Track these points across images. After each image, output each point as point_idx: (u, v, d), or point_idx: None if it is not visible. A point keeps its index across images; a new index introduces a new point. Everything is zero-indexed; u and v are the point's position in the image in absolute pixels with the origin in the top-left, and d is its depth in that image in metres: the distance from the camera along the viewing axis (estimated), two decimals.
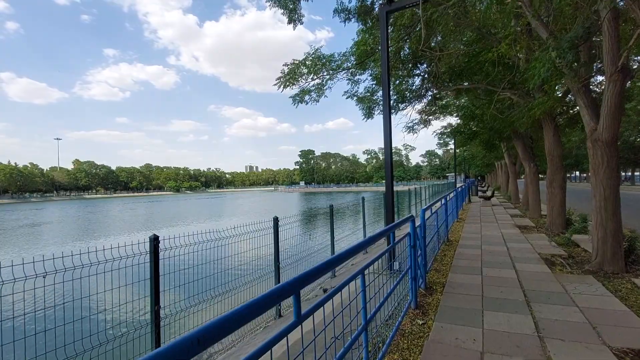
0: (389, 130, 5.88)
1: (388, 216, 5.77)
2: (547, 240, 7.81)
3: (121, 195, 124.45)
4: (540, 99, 7.03)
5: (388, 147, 5.81)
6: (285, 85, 10.24)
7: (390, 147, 5.83)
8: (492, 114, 11.07)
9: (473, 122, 13.53)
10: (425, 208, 4.94)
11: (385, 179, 5.82)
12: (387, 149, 5.82)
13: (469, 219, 12.29)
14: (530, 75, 5.89)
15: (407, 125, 13.41)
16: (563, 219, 8.88)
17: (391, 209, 5.69)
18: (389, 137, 5.80)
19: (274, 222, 5.89)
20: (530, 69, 5.62)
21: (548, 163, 9.02)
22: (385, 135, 5.86)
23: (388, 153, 5.79)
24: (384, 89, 5.90)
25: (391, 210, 5.70)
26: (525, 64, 7.83)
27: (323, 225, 8.75)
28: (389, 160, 5.78)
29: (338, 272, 7.96)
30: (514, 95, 9.37)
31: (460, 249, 7.24)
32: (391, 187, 5.73)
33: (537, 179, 12.18)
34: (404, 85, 12.75)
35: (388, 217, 5.77)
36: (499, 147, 18.03)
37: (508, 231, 9.25)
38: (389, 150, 5.80)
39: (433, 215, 6.23)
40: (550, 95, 7.60)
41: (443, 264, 6.15)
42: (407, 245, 3.99)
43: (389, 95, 6.10)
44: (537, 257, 6.29)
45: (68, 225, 29.20)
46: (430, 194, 25.37)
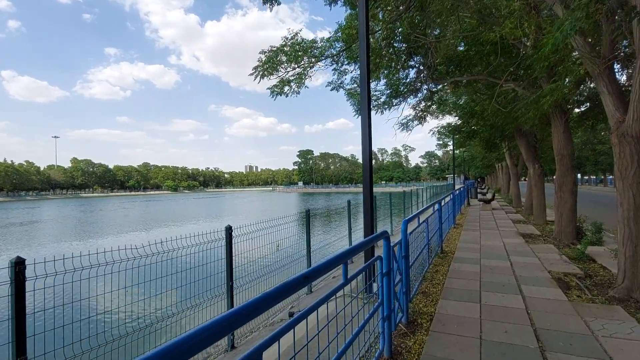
0: (368, 124, 4.80)
1: (366, 227, 4.69)
2: (556, 253, 6.72)
3: (118, 194, 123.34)
4: (551, 86, 5.94)
5: (367, 144, 4.73)
6: (262, 76, 9.16)
7: (369, 143, 4.75)
8: (493, 109, 9.99)
9: (473, 120, 12.45)
10: (409, 218, 3.86)
11: (364, 183, 4.74)
12: (366, 146, 4.73)
13: (468, 224, 11.20)
14: (541, 53, 4.82)
15: (400, 122, 12.33)
16: (573, 228, 7.79)
17: (369, 218, 4.61)
18: (367, 131, 4.72)
19: (227, 233, 4.81)
20: (546, 40, 4.53)
21: (557, 164, 7.94)
22: (363, 129, 4.78)
23: (367, 151, 4.71)
24: (362, 72, 4.82)
25: (369, 220, 4.62)
26: (532, 50, 6.77)
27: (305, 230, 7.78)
28: (368, 159, 4.69)
29: (318, 287, 6.91)
30: (519, 87, 8.29)
31: (455, 263, 6.15)
32: (370, 192, 4.65)
33: (542, 182, 11.10)
34: (398, 76, 11.69)
35: (366, 228, 4.69)
36: (500, 147, 16.95)
37: (511, 241, 8.17)
38: (368, 147, 4.71)
39: (424, 224, 5.16)
40: (562, 82, 6.52)
41: (434, 284, 5.06)
42: (378, 271, 2.91)
43: (368, 82, 5.03)
44: (548, 276, 5.20)
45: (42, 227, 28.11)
46: (428, 196, 24.31)
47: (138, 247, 3.84)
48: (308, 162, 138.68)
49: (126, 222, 29.15)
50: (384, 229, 3.15)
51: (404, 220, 3.69)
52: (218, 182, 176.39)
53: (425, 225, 5.37)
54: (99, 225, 27.61)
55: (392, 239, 3.01)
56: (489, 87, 10.45)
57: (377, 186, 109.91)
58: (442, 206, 7.59)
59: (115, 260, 3.65)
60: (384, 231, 2.94)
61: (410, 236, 3.95)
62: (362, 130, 4.78)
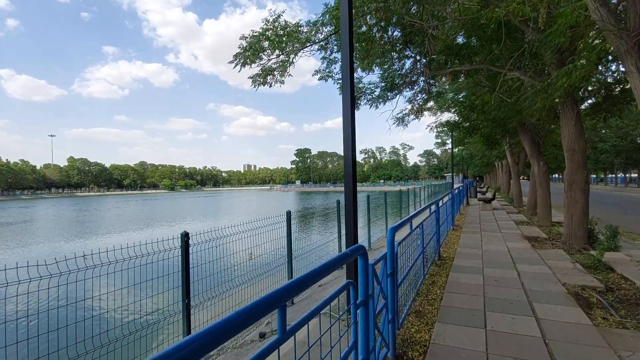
0: (351, 111, 4.02)
1: (349, 235, 3.89)
2: (568, 261, 5.96)
3: (114, 193, 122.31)
4: (567, 67, 5.15)
5: (349, 133, 3.94)
6: (243, 64, 8.36)
7: (352, 133, 3.96)
8: (495, 100, 9.22)
9: (473, 114, 11.67)
10: (398, 225, 3.09)
11: (345, 182, 3.93)
12: (348, 137, 3.94)
13: (467, 226, 10.44)
14: (557, 27, 4.05)
15: (395, 116, 11.54)
16: (585, 231, 7.04)
17: (352, 226, 3.82)
18: (350, 118, 3.93)
19: (183, 241, 4.02)
20: (562, 10, 3.76)
21: (567, 160, 7.18)
22: (345, 120, 4.00)
23: (349, 142, 3.92)
24: (343, 50, 4.02)
25: (352, 229, 3.83)
26: (543, 28, 5.99)
27: (296, 231, 7.02)
28: (350, 153, 3.90)
29: (301, 296, 6.16)
30: (524, 76, 7.51)
31: (454, 273, 5.38)
32: (352, 193, 3.85)
33: (548, 180, 10.34)
34: (393, 68, 10.90)
35: (349, 236, 3.90)
36: (501, 144, 16.18)
37: (516, 245, 7.41)
38: (351, 136, 3.92)
39: (418, 229, 4.39)
40: (579, 62, 5.73)
41: (429, 299, 4.29)
42: (351, 301, 2.13)
43: (352, 62, 4.25)
44: (563, 291, 4.44)
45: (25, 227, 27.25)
46: (426, 195, 23.57)
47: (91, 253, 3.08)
48: (306, 160, 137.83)
49: (105, 224, 28.31)
50: (362, 244, 2.37)
51: (391, 229, 2.92)
52: (216, 181, 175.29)
53: (420, 230, 4.60)
54: (72, 227, 26.77)
55: (376, 254, 2.24)
56: (490, 78, 9.67)
57: (376, 185, 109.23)
58: (440, 207, 6.82)
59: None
60: (359, 246, 2.16)
61: (400, 245, 3.19)
62: (344, 121, 4.00)
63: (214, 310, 4.39)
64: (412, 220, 3.81)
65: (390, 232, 2.89)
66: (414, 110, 11.30)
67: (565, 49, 6.79)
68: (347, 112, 3.94)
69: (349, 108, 3.93)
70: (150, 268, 3.86)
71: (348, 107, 3.94)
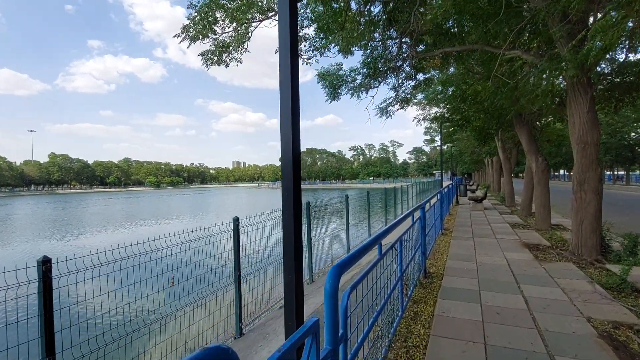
0: (294, 85, 2.69)
1: (287, 262, 2.58)
2: (583, 279, 4.79)
3: (96, 191, 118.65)
4: (598, 24, 3.91)
5: (288, 118, 2.61)
6: (193, 38, 6.95)
7: (295, 120, 2.64)
8: (490, 88, 8.03)
9: (464, 105, 10.49)
10: (344, 261, 1.79)
11: (283, 177, 2.62)
12: (287, 123, 2.62)
13: (458, 230, 9.27)
14: None
15: (379, 106, 10.28)
16: (597, 240, 5.90)
17: (295, 250, 2.51)
18: (293, 93, 2.60)
19: (40, 269, 2.66)
20: None
21: (577, 155, 6.02)
22: (282, 88, 2.66)
23: (288, 125, 2.59)
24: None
25: (295, 254, 2.52)
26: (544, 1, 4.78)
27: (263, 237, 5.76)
28: (292, 142, 2.58)
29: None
30: (526, 54, 6.31)
31: (444, 300, 4.13)
32: (294, 205, 2.55)
33: (547, 178, 9.24)
34: (375, 52, 9.62)
35: (287, 263, 2.58)
36: (493, 139, 15.11)
37: (516, 256, 6.23)
38: (293, 121, 2.60)
39: (400, 242, 3.13)
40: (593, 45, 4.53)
41: (408, 349, 3.03)
42: None
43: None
44: (592, 332, 3.23)
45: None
46: (414, 193, 22.50)
47: None
48: None
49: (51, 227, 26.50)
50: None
51: (332, 269, 1.62)
52: (203, 178, 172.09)
53: (399, 247, 3.34)
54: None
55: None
56: (484, 62, 8.46)
57: (366, 182, 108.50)
58: (427, 210, 5.58)
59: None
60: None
61: (361, 284, 1.91)
62: (282, 90, 2.68)
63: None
64: (382, 240, 2.52)
65: (332, 275, 1.59)
66: (398, 100, 10.06)
67: (578, 20, 5.61)
68: (286, 69, 2.61)
69: (288, 64, 2.60)
70: None
71: (287, 63, 2.61)
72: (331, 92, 10.86)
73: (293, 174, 2.62)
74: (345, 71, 10.54)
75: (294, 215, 2.57)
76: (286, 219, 2.60)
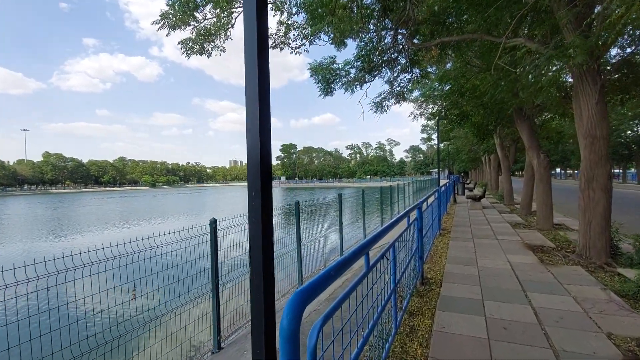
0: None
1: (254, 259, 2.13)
2: (595, 285, 4.36)
3: (91, 190, 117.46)
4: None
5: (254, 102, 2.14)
6: (173, 26, 6.45)
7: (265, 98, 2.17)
8: (490, 81, 7.59)
9: (462, 99, 10.04)
10: (307, 288, 1.33)
11: (249, 175, 2.16)
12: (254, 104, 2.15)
13: (456, 230, 8.85)
14: None
15: (373, 100, 9.82)
16: (607, 241, 5.48)
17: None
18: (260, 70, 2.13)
19: None
20: None
21: (585, 150, 5.60)
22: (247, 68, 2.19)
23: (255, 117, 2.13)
24: None
25: (266, 262, 2.07)
26: None
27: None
28: (260, 135, 2.11)
29: None
30: (530, 42, 5.86)
31: (443, 312, 3.69)
32: (264, 195, 2.09)
33: (549, 175, 8.84)
34: (370, 45, 9.16)
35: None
36: (492, 135, 14.71)
37: (519, 259, 5.81)
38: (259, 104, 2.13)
39: (394, 248, 2.69)
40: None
41: None
42: None
43: None
44: (615, 352, 2.79)
45: None
46: (411, 192, 22.09)
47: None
48: (291, 156, 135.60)
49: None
50: None
51: (292, 300, 1.16)
52: (200, 177, 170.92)
53: (392, 255, 2.89)
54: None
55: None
56: (484, 54, 8.02)
57: (361, 181, 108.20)
58: (424, 210, 5.12)
59: None
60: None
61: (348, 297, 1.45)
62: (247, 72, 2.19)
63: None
64: (369, 249, 2.06)
65: (292, 307, 1.14)
66: (394, 94, 9.60)
67: (585, 3, 5.17)
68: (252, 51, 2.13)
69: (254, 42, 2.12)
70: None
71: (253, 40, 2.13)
72: (324, 86, 10.40)
73: (261, 173, 2.13)
74: (338, 65, 10.09)
75: (262, 222, 2.09)
76: (253, 224, 2.11)
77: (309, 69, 10.54)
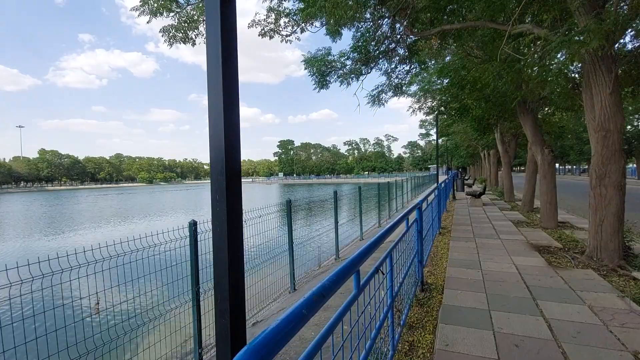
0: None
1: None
2: (611, 292, 3.99)
3: (87, 187, 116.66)
4: None
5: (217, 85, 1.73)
6: (155, 12, 5.99)
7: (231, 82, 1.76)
8: (494, 70, 7.18)
9: (463, 92, 9.62)
10: (259, 343, 0.92)
11: (212, 174, 1.76)
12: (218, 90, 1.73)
13: (457, 229, 8.48)
14: None
15: (370, 93, 9.39)
16: (619, 242, 5.11)
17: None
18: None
19: None
20: None
21: (596, 145, 5.21)
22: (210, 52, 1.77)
23: (218, 104, 1.71)
24: None
25: (233, 277, 1.67)
26: None
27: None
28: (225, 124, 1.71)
29: None
30: (538, 28, 5.45)
31: (446, 326, 3.30)
32: (231, 197, 1.69)
33: (554, 171, 8.47)
34: (367, 35, 8.71)
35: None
36: (493, 130, 14.31)
37: (525, 261, 5.43)
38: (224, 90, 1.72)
39: (390, 258, 2.30)
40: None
41: None
42: None
43: None
44: None
45: None
46: (410, 187, 21.75)
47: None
48: (289, 152, 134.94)
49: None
50: None
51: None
52: (197, 173, 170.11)
53: (389, 263, 2.50)
54: None
55: None
56: (486, 43, 7.59)
57: (359, 177, 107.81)
58: (424, 210, 4.73)
59: None
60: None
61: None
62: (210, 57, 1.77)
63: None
64: (360, 266, 1.67)
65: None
66: (391, 86, 9.18)
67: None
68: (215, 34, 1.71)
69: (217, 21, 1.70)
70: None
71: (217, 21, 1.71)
72: (319, 79, 9.96)
73: (227, 172, 1.70)
74: (334, 56, 9.64)
75: (228, 231, 1.67)
76: (217, 234, 1.69)
77: (303, 61, 10.09)
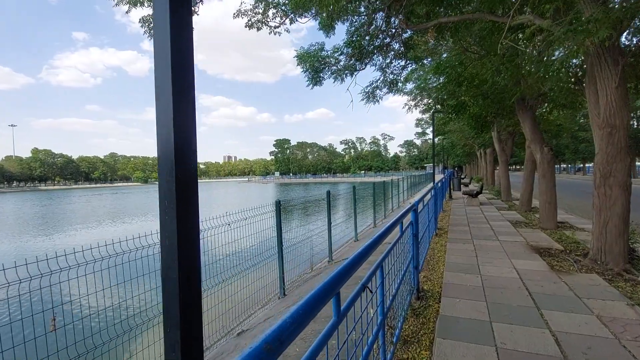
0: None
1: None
2: (619, 299, 3.72)
3: (81, 187, 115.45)
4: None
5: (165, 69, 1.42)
6: (135, 2, 5.65)
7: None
8: (493, 65, 6.90)
9: (459, 89, 9.35)
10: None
11: (160, 177, 1.46)
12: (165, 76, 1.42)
13: (454, 230, 8.21)
14: None
15: (364, 89, 9.09)
16: (625, 245, 4.86)
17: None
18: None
19: None
20: None
21: (601, 142, 4.94)
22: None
23: (167, 95, 1.40)
24: None
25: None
26: None
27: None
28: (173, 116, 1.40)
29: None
30: (540, 20, 5.17)
31: (444, 341, 3.01)
32: (183, 203, 1.38)
33: (553, 170, 8.22)
34: (361, 30, 8.41)
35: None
36: (491, 128, 14.08)
37: (527, 265, 5.16)
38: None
39: (381, 268, 1.99)
40: None
41: None
42: None
43: None
44: None
45: None
46: (406, 186, 21.51)
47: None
48: (285, 151, 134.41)
49: None
50: None
51: None
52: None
53: (380, 275, 2.20)
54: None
55: None
56: (484, 37, 7.31)
57: (356, 176, 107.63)
58: (420, 212, 4.44)
59: None
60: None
61: None
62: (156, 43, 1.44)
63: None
64: (340, 287, 1.36)
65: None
66: (386, 82, 8.88)
67: None
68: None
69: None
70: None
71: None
72: (312, 76, 9.65)
73: (178, 174, 1.33)
74: (327, 52, 9.33)
75: (178, 247, 1.31)
76: (166, 249, 1.33)
77: (295, 57, 9.77)
